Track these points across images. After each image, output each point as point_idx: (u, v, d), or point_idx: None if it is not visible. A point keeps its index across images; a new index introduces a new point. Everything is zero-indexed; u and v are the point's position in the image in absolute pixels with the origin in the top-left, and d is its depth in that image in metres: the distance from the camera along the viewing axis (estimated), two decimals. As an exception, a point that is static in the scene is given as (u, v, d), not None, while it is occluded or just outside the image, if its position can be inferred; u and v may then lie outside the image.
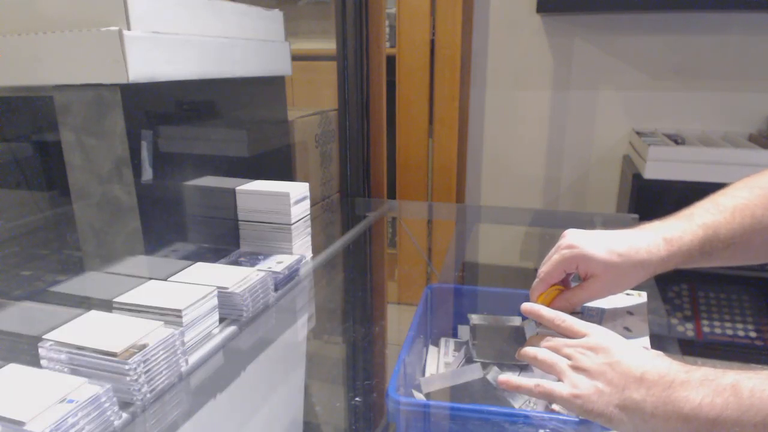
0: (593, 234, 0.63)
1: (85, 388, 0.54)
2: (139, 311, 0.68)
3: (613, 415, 0.48)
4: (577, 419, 0.53)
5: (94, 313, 0.66)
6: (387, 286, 1.14)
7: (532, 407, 0.64)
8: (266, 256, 0.93)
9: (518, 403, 0.64)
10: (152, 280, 0.75)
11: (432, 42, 1.64)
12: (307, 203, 0.99)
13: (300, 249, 0.97)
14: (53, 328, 0.62)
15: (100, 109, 0.71)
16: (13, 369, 0.57)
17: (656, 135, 1.55)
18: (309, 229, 1.01)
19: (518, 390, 0.55)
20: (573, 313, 0.61)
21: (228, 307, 0.76)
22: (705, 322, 1.42)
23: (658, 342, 0.64)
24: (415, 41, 1.64)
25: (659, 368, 0.47)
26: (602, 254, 0.60)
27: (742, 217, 0.59)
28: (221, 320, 0.76)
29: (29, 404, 0.50)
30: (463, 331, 0.79)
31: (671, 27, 1.59)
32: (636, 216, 1.28)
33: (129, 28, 0.69)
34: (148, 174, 0.76)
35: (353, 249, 1.20)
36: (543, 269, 0.64)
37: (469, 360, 0.74)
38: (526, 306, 0.62)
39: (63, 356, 0.59)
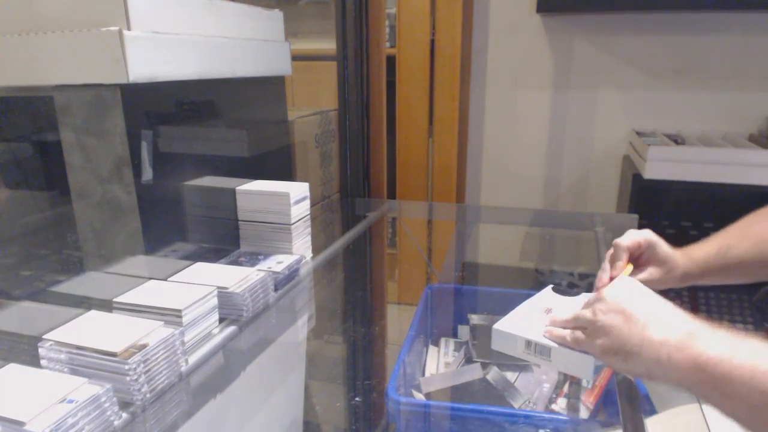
0: None
1: (85, 388, 0.54)
2: (139, 311, 0.68)
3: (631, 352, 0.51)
4: (576, 419, 0.54)
5: (94, 313, 0.66)
6: (387, 286, 1.14)
7: (532, 407, 0.64)
8: (266, 256, 0.93)
9: (518, 403, 0.64)
10: (152, 280, 0.75)
11: (432, 42, 1.64)
12: (307, 203, 0.99)
13: (300, 249, 0.97)
14: (53, 328, 0.62)
15: (100, 109, 0.71)
16: (13, 369, 0.57)
17: (656, 135, 1.55)
18: (309, 229, 1.01)
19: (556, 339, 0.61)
20: None
21: (228, 307, 0.76)
22: (705, 322, 1.42)
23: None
24: (415, 41, 1.64)
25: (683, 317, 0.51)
26: (666, 245, 0.68)
27: (754, 243, 0.67)
28: (221, 320, 0.75)
29: (29, 404, 0.50)
30: (463, 331, 0.79)
31: (671, 27, 1.59)
32: (636, 216, 1.28)
33: (129, 28, 0.69)
34: (148, 174, 0.76)
35: (353, 249, 1.19)
36: (620, 244, 0.68)
37: (469, 360, 0.74)
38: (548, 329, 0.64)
39: (63, 356, 0.59)
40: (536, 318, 0.64)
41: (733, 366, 0.44)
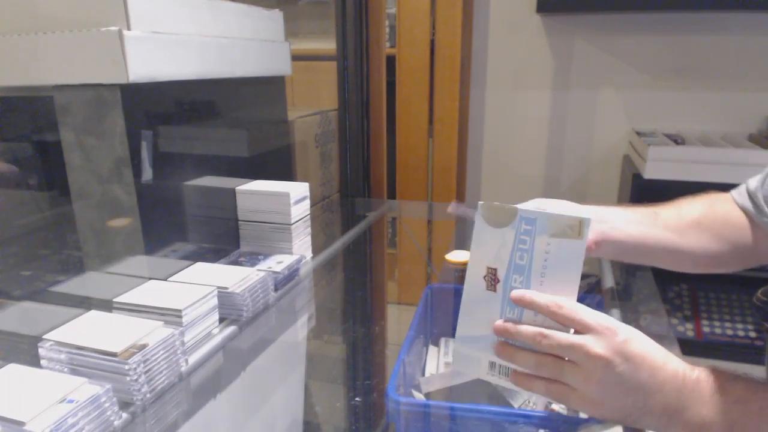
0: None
1: (85, 388, 0.54)
2: (139, 311, 0.68)
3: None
4: (576, 419, 0.54)
5: (94, 313, 0.66)
6: (387, 286, 1.14)
7: (532, 407, 0.64)
8: (266, 256, 0.93)
9: (517, 403, 0.64)
10: (152, 280, 0.75)
11: (432, 42, 1.64)
12: (307, 203, 0.99)
13: (300, 249, 0.97)
14: (53, 328, 0.62)
15: (100, 109, 0.71)
16: (13, 369, 0.57)
17: (656, 135, 1.55)
18: (309, 229, 1.01)
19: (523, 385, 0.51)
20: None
21: (228, 307, 0.76)
22: (705, 322, 1.41)
23: (658, 342, 0.64)
24: (415, 41, 1.64)
25: (673, 386, 0.48)
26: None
27: (695, 233, 0.65)
28: (221, 320, 0.76)
29: (29, 404, 0.50)
30: (463, 331, 0.79)
31: (671, 27, 1.58)
32: (636, 216, 1.27)
33: (129, 28, 0.69)
34: (148, 174, 0.76)
35: (353, 249, 1.19)
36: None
37: (468, 360, 0.74)
38: (517, 294, 0.50)
39: (63, 356, 0.59)
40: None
41: None
